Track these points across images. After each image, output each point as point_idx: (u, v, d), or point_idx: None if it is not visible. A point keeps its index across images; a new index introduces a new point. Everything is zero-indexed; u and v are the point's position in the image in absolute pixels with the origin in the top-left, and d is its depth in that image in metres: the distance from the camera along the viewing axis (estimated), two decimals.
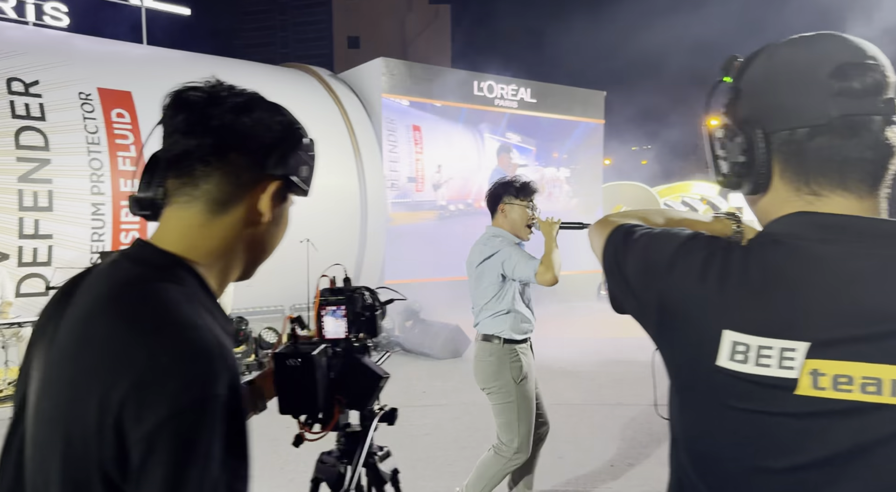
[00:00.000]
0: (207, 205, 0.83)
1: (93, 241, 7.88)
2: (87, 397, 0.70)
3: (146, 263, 0.81)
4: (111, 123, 8.13)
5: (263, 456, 4.11)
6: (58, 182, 7.63)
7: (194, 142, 0.81)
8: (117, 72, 8.55)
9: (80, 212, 7.78)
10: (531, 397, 2.95)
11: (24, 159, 7.46)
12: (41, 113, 7.64)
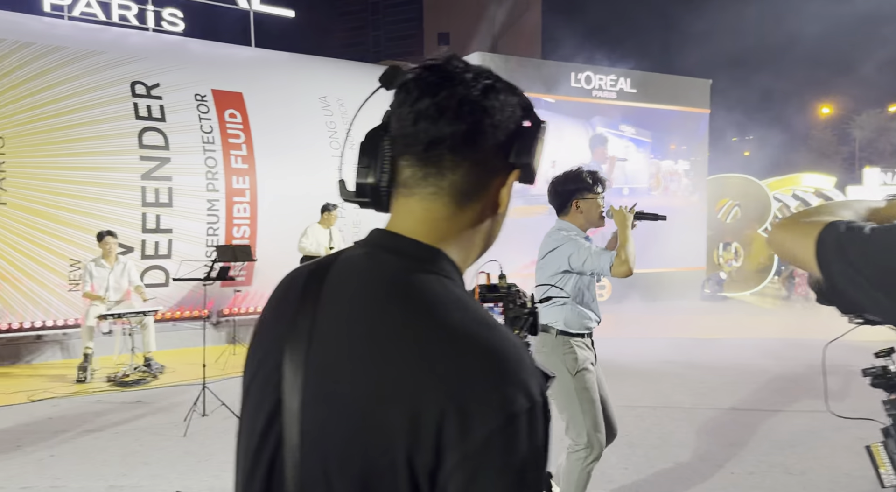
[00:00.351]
0: (454, 197, 0.78)
1: (208, 235, 8.32)
2: (385, 405, 0.66)
3: (411, 256, 0.77)
4: (224, 122, 8.54)
5: None
6: (177, 180, 8.09)
7: (448, 129, 0.75)
8: (229, 74, 8.96)
9: (196, 208, 8.22)
10: (592, 389, 2.84)
11: (146, 158, 7.95)
12: (161, 114, 8.13)
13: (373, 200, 0.83)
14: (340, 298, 0.76)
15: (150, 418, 4.93)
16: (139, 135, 7.93)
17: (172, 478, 3.68)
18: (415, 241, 0.78)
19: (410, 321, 0.70)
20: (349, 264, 0.80)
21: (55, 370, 6.84)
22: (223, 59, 9.31)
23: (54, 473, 3.76)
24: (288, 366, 0.75)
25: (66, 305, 7.55)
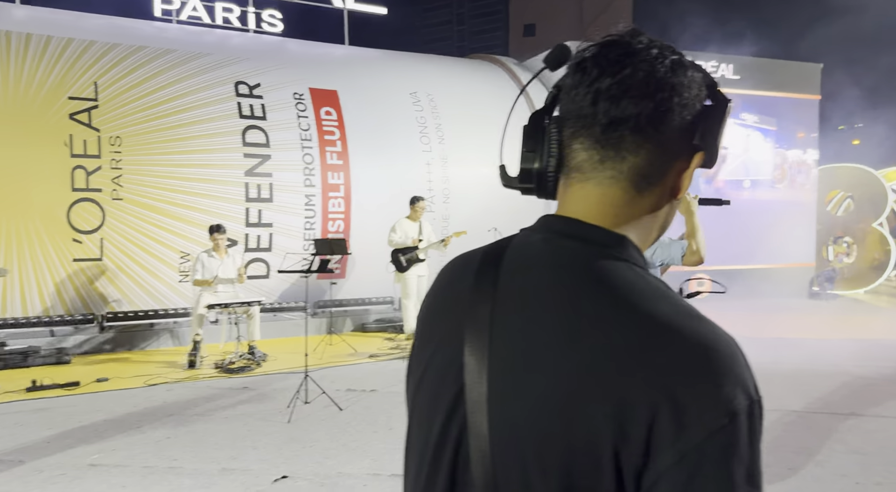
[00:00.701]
0: (633, 181, 0.74)
1: (305, 229, 8.59)
2: (589, 399, 0.63)
3: (597, 242, 0.73)
4: (320, 120, 8.79)
5: None
6: (277, 176, 8.40)
7: (632, 109, 0.70)
8: (324, 72, 9.21)
9: (294, 203, 8.51)
10: None
11: (249, 155, 8.30)
12: (263, 113, 8.45)
13: (538, 186, 0.80)
14: (523, 284, 0.73)
15: (256, 404, 5.14)
16: (243, 133, 8.28)
17: (279, 463, 3.80)
18: (598, 226, 0.74)
19: (613, 312, 0.66)
20: (526, 250, 0.77)
21: (167, 357, 7.27)
22: (319, 58, 9.58)
23: (171, 454, 3.98)
24: (470, 354, 0.73)
25: (177, 295, 8.01)
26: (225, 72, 8.44)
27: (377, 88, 9.48)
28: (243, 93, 8.43)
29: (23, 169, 7.21)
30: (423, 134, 9.51)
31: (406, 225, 7.91)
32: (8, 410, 5.06)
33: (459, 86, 10.29)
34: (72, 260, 7.47)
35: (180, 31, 9.06)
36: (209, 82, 8.26)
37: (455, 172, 9.69)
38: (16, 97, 7.25)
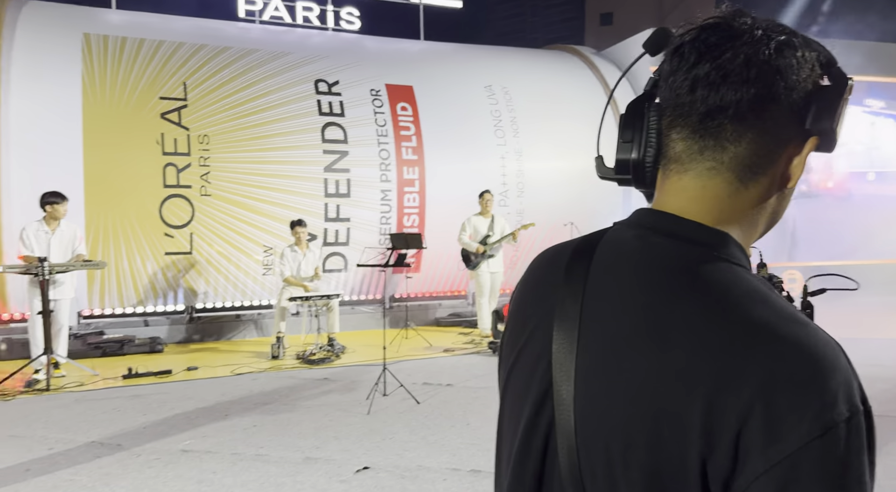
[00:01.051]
0: (736, 172, 0.69)
1: (381, 223, 8.71)
2: (678, 402, 0.61)
3: (695, 240, 0.70)
4: (396, 115, 8.88)
5: None
6: (354, 171, 8.55)
7: (731, 96, 0.66)
8: (400, 68, 9.30)
9: (371, 198, 8.64)
10: None
11: (328, 152, 8.48)
12: (341, 109, 8.62)
13: (635, 177, 0.76)
14: (614, 282, 0.71)
15: (337, 396, 5.25)
16: (322, 130, 8.47)
17: (360, 454, 3.87)
18: (696, 223, 0.70)
19: (707, 314, 0.63)
20: (618, 246, 0.74)
21: (252, 347, 7.54)
22: (395, 54, 9.67)
23: (258, 441, 4.12)
24: (558, 350, 0.72)
25: (261, 287, 8.30)
26: (305, 70, 8.65)
27: (452, 83, 9.48)
28: (322, 90, 8.61)
29: (119, 167, 7.63)
30: (497, 127, 9.45)
31: (476, 221, 7.87)
32: (107, 395, 5.38)
33: (535, 78, 10.15)
34: (164, 253, 7.85)
35: (263, 32, 9.35)
36: (290, 81, 8.49)
37: (530, 166, 9.58)
38: (112, 98, 7.68)
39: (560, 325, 0.73)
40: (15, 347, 6.88)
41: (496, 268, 7.84)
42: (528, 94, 9.83)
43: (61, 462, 3.75)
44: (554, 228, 8.82)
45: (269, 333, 8.02)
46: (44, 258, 5.71)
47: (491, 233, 7.78)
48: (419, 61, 9.63)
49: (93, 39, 7.82)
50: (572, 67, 10.69)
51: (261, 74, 8.38)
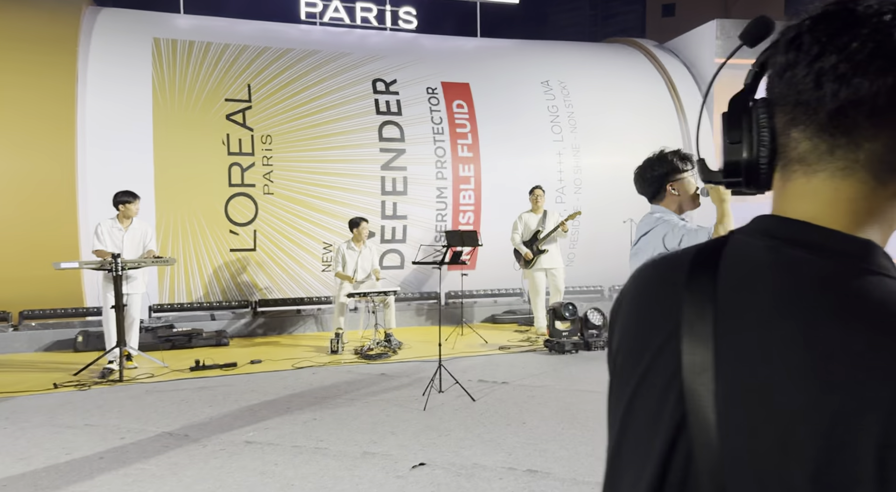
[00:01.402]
0: (872, 171, 0.63)
1: (437, 221, 8.76)
2: (849, 443, 0.55)
3: (837, 251, 0.64)
4: (452, 113, 8.90)
5: None
6: (411, 169, 8.64)
7: (865, 89, 0.60)
8: (457, 65, 9.32)
9: (427, 195, 8.70)
10: None
11: (385, 150, 8.59)
12: (398, 108, 8.71)
13: (748, 179, 0.70)
14: (749, 301, 0.65)
15: (394, 391, 5.32)
16: (379, 129, 8.58)
17: (416, 450, 3.91)
18: (834, 231, 0.64)
19: (870, 338, 0.57)
20: (746, 260, 0.68)
21: (312, 341, 7.72)
22: (451, 52, 9.70)
23: (318, 435, 4.22)
24: (691, 379, 0.65)
25: (320, 283, 8.49)
26: (364, 70, 8.79)
27: (508, 79, 9.44)
28: (380, 90, 8.73)
29: (187, 167, 7.93)
30: (554, 123, 9.35)
31: (527, 218, 7.80)
32: (176, 387, 5.62)
33: (593, 72, 10.00)
34: (229, 250, 8.13)
35: (323, 33, 9.53)
36: (349, 81, 8.64)
37: (587, 162, 9.45)
38: (180, 101, 7.98)
39: (690, 349, 0.66)
40: (91, 340, 7.25)
41: (552, 264, 7.73)
42: (587, 88, 9.69)
43: (132, 451, 3.94)
44: (613, 225, 8.68)
45: (328, 328, 8.20)
46: (117, 254, 6.00)
47: (542, 229, 7.69)
48: (475, 58, 9.63)
49: (162, 44, 8.15)
50: (632, 61, 10.47)
51: (321, 75, 8.55)
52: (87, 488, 3.36)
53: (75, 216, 7.38)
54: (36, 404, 5.08)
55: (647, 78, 10.18)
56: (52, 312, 7.67)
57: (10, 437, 4.24)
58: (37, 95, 7.42)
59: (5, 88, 7.33)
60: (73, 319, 7.78)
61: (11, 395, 5.36)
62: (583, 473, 3.46)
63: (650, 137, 9.83)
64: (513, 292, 9.39)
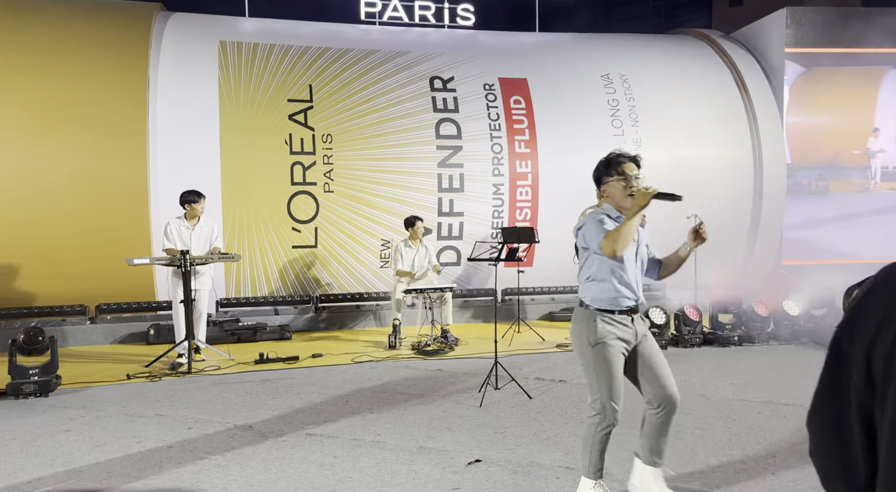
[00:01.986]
0: None
1: (493, 218, 8.74)
2: None
3: None
4: (510, 109, 8.85)
5: None
6: (468, 166, 8.64)
7: None
8: (514, 61, 9.26)
9: (483, 192, 8.69)
10: (611, 362, 2.94)
11: (442, 147, 8.62)
12: (455, 105, 8.72)
13: None
14: None
15: (450, 387, 5.34)
16: (436, 126, 8.62)
17: (472, 446, 3.91)
18: None
19: None
20: None
21: (371, 336, 7.84)
22: (509, 48, 9.64)
23: (376, 429, 4.28)
24: None
25: (378, 279, 8.60)
26: (421, 68, 8.84)
27: (567, 73, 9.32)
28: (438, 87, 8.76)
29: (252, 167, 8.17)
30: (614, 117, 9.17)
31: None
32: (241, 379, 5.80)
33: (656, 65, 9.75)
34: (291, 247, 8.34)
35: (382, 33, 9.64)
36: (407, 79, 8.71)
37: (649, 156, 9.11)
38: (246, 102, 8.23)
39: None
40: (162, 333, 7.58)
41: None
42: (649, 82, 9.46)
43: (198, 441, 4.10)
44: (676, 220, 8.43)
45: (386, 324, 8.30)
46: (186, 251, 6.25)
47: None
48: (533, 53, 9.54)
49: (228, 46, 8.42)
50: (697, 52, 10.16)
51: (380, 74, 8.66)
52: (156, 477, 3.51)
53: (147, 214, 7.72)
54: (110, 394, 5.34)
55: (712, 70, 9.85)
56: (126, 307, 8.05)
57: (86, 425, 4.48)
58: (112, 98, 7.78)
59: (83, 92, 7.72)
60: (145, 313, 8.15)
61: (88, 385, 5.66)
62: None
63: (716, 130, 9.52)
64: (571, 290, 9.27)
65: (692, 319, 6.95)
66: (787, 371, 5.79)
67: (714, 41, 10.29)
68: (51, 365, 5.39)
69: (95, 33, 8.10)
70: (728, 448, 3.78)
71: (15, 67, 7.61)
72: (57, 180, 7.53)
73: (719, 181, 9.27)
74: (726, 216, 9.17)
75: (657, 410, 3.04)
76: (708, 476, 3.36)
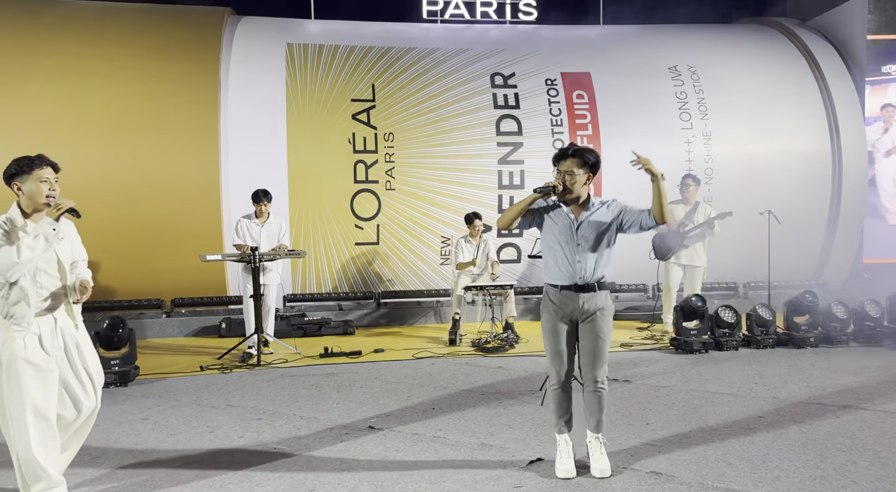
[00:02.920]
0: None
1: None
2: None
3: None
4: (572, 104, 8.73)
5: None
6: (528, 163, 8.58)
7: None
8: (577, 55, 9.13)
9: None
10: (549, 328, 3.48)
11: (502, 144, 8.59)
12: (516, 102, 8.67)
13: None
14: None
15: (510, 385, 5.32)
16: (497, 123, 8.59)
17: (534, 445, 3.88)
18: None
19: None
20: None
21: (432, 332, 7.90)
22: (572, 42, 9.52)
23: (437, 424, 4.31)
24: None
25: (439, 276, 8.65)
26: (482, 65, 8.84)
27: (632, 66, 9.11)
28: (498, 84, 8.74)
29: (317, 166, 8.36)
30: (682, 110, 8.91)
31: (675, 209, 7.36)
32: (307, 372, 5.95)
33: (726, 55, 9.42)
34: (354, 244, 8.49)
35: (443, 31, 9.68)
36: (468, 76, 8.73)
37: (720, 150, 8.93)
38: (311, 102, 8.42)
39: None
40: (233, 326, 7.85)
41: (692, 260, 7.28)
42: (719, 73, 9.16)
43: (267, 431, 4.23)
44: (749, 217, 8.14)
45: (447, 320, 8.34)
46: (255, 248, 6.45)
47: (690, 222, 7.29)
48: (597, 47, 9.38)
49: (295, 48, 8.64)
50: (771, 42, 9.76)
51: (441, 72, 8.70)
52: (227, 464, 3.65)
53: (219, 212, 8.01)
54: (184, 384, 5.58)
55: (787, 60, 9.44)
56: (199, 301, 8.39)
57: (162, 414, 4.69)
58: (185, 100, 8.11)
59: (158, 93, 8.07)
60: (217, 307, 8.47)
61: (164, 376, 5.92)
62: (711, 478, 3.28)
63: (790, 124, 9.12)
64: (635, 288, 9.07)
65: (765, 318, 6.68)
66: (869, 375, 5.49)
67: (789, 30, 9.85)
68: (130, 356, 5.68)
69: (170, 39, 8.46)
70: (803, 454, 3.61)
71: (96, 72, 8.03)
72: (135, 179, 7.90)
73: (792, 177, 8.88)
74: (802, 214, 8.77)
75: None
76: (782, 481, 3.22)
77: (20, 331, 2.90)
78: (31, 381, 2.91)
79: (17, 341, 2.90)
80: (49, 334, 2.99)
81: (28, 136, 7.58)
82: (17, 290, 2.90)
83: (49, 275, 3.00)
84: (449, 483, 3.29)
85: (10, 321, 2.90)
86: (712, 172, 8.86)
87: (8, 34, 8.04)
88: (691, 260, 7.27)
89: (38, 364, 2.94)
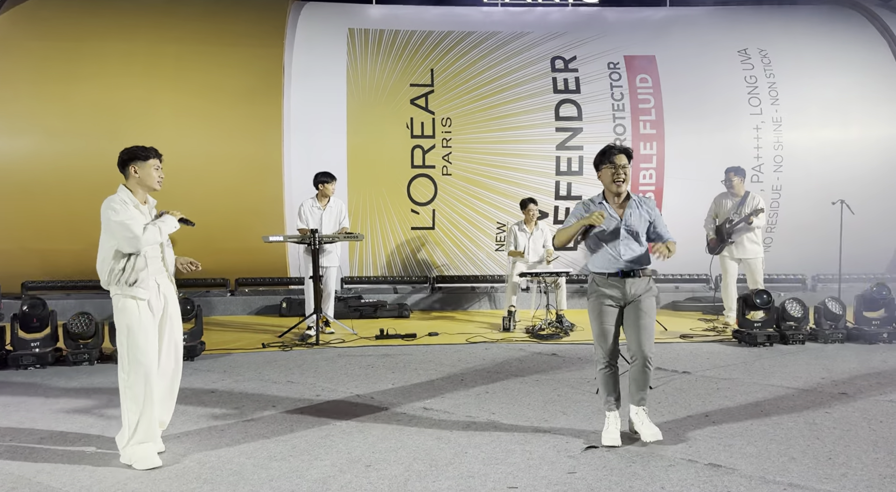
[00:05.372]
0: None
1: None
2: None
3: None
4: (635, 88, 8.53)
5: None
6: (587, 149, 8.43)
7: None
8: (641, 38, 8.90)
9: None
10: (596, 312, 3.76)
11: (561, 129, 8.47)
12: (576, 86, 8.53)
13: None
14: None
15: (565, 372, 5.30)
16: (556, 108, 8.48)
17: (588, 432, 3.86)
18: None
19: None
20: None
21: (486, 318, 7.91)
22: (636, 24, 9.28)
23: (490, 408, 4.33)
24: None
25: (494, 262, 8.65)
26: (542, 48, 8.71)
27: (700, 49, 8.82)
28: (559, 68, 8.61)
29: (375, 150, 8.45)
30: (752, 95, 8.59)
31: (723, 203, 7.23)
32: (363, 352, 6.07)
33: (801, 38, 9.00)
34: (410, 228, 8.57)
35: (504, 14, 9.57)
36: (528, 60, 8.63)
37: (790, 137, 8.57)
38: (371, 87, 8.50)
39: None
40: (293, 306, 8.07)
41: (743, 254, 7.14)
42: (792, 56, 8.77)
43: (325, 408, 4.34)
44: (820, 208, 7.81)
45: (501, 306, 8.34)
46: (315, 230, 6.59)
47: (737, 215, 7.10)
48: (662, 29, 9.11)
49: (356, 34, 8.72)
50: (849, 23, 9.27)
51: (500, 56, 8.63)
52: (288, 438, 3.77)
53: (281, 193, 8.21)
54: (247, 360, 5.78)
55: (867, 42, 8.95)
56: (262, 280, 8.65)
57: (226, 388, 4.88)
58: (250, 85, 8.31)
59: (225, 79, 8.30)
60: (278, 287, 8.71)
61: (229, 352, 6.15)
62: (773, 472, 3.20)
63: (868, 111, 8.67)
64: (697, 278, 8.84)
65: (834, 312, 6.41)
66: None
67: (870, 10, 9.33)
68: (196, 332, 5.91)
69: (236, 25, 8.67)
70: (872, 452, 3.47)
71: (164, 57, 8.30)
72: (202, 161, 8.16)
73: (867, 166, 8.45)
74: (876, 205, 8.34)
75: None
76: (849, 478, 3.11)
77: (145, 293, 3.38)
78: (147, 344, 3.36)
79: (138, 306, 3.36)
80: (154, 298, 3.48)
81: (101, 121, 7.93)
82: (141, 259, 3.38)
83: (155, 249, 3.56)
84: (503, 466, 3.31)
85: (138, 286, 3.34)
86: (781, 159, 8.52)
87: (83, 21, 8.40)
88: (743, 253, 7.12)
89: (151, 327, 3.40)
